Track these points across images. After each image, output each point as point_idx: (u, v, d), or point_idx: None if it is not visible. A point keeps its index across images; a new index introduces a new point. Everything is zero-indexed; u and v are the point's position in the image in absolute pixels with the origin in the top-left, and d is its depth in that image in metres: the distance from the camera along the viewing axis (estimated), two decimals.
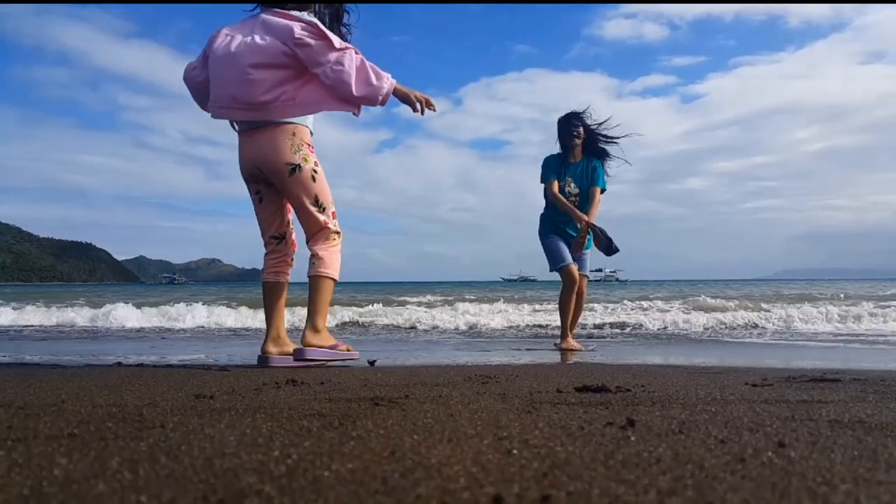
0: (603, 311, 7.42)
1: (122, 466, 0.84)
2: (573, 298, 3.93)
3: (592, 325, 6.30)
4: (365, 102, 2.48)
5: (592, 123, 3.99)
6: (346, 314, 7.37)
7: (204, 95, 2.65)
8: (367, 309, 7.56)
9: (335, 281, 2.63)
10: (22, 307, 8.47)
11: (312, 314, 2.58)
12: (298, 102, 2.46)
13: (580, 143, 3.96)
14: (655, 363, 2.89)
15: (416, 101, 2.56)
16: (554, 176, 3.96)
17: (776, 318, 6.41)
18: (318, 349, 2.57)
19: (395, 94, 2.52)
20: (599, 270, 72.20)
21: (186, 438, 1.02)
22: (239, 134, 2.64)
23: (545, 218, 4.08)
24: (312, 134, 2.67)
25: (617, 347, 4.14)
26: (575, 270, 3.92)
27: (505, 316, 6.90)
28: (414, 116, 2.61)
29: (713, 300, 7.53)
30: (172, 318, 7.06)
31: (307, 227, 2.63)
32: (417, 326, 6.55)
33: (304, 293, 2.68)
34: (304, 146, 2.57)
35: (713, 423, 1.18)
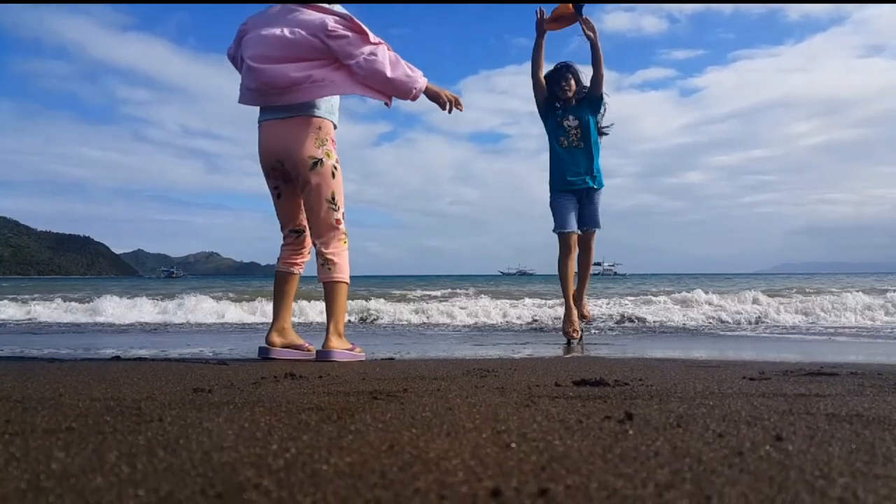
0: (601, 304, 7.43)
1: (119, 460, 0.84)
2: (571, 264, 3.81)
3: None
4: (398, 93, 2.45)
5: (583, 85, 3.87)
6: None
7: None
8: (364, 303, 7.55)
9: (349, 285, 2.66)
10: (21, 301, 8.45)
11: (334, 320, 2.60)
12: (329, 82, 2.41)
13: (572, 95, 3.85)
14: (653, 357, 2.89)
15: (446, 100, 2.58)
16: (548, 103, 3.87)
17: (774, 311, 6.43)
18: (342, 352, 2.59)
19: (426, 92, 2.52)
20: (598, 264, 72.22)
21: (184, 432, 1.02)
22: (260, 124, 2.58)
23: (552, 170, 3.92)
24: (336, 128, 2.63)
25: (615, 341, 4.14)
26: (573, 239, 3.80)
27: (503, 310, 6.91)
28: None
29: (711, 294, 7.56)
30: (171, 312, 7.06)
31: (319, 223, 2.59)
32: (416, 321, 6.55)
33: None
34: (328, 141, 2.54)
35: (711, 416, 1.18)
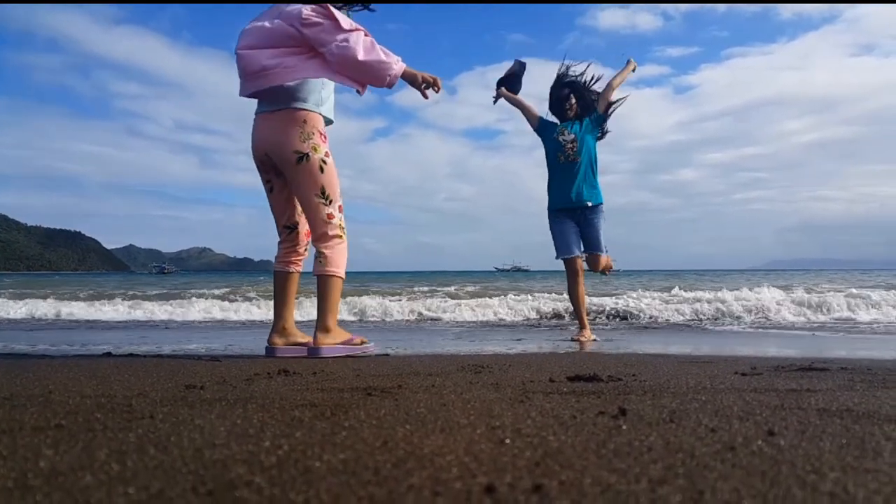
0: (594, 301, 7.45)
1: (109, 458, 0.83)
2: (580, 289, 3.89)
3: None
4: (371, 79, 2.37)
5: (580, 78, 3.89)
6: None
7: None
8: (358, 299, 7.54)
9: (342, 279, 2.58)
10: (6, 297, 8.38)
11: (322, 314, 2.54)
12: (301, 68, 2.37)
13: (573, 114, 3.89)
14: (646, 352, 2.90)
15: (422, 80, 2.47)
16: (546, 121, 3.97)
17: (765, 307, 6.47)
18: (331, 347, 2.53)
19: (403, 76, 2.43)
20: None
21: (176, 429, 1.02)
22: (255, 117, 2.58)
23: (549, 188, 3.96)
24: (331, 122, 2.60)
25: (609, 337, 4.16)
26: (578, 263, 3.86)
27: (498, 306, 6.92)
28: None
29: (704, 290, 7.59)
30: (162, 309, 7.02)
31: (312, 220, 2.56)
32: (411, 317, 6.55)
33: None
34: (315, 134, 2.48)
35: (703, 411, 1.18)
